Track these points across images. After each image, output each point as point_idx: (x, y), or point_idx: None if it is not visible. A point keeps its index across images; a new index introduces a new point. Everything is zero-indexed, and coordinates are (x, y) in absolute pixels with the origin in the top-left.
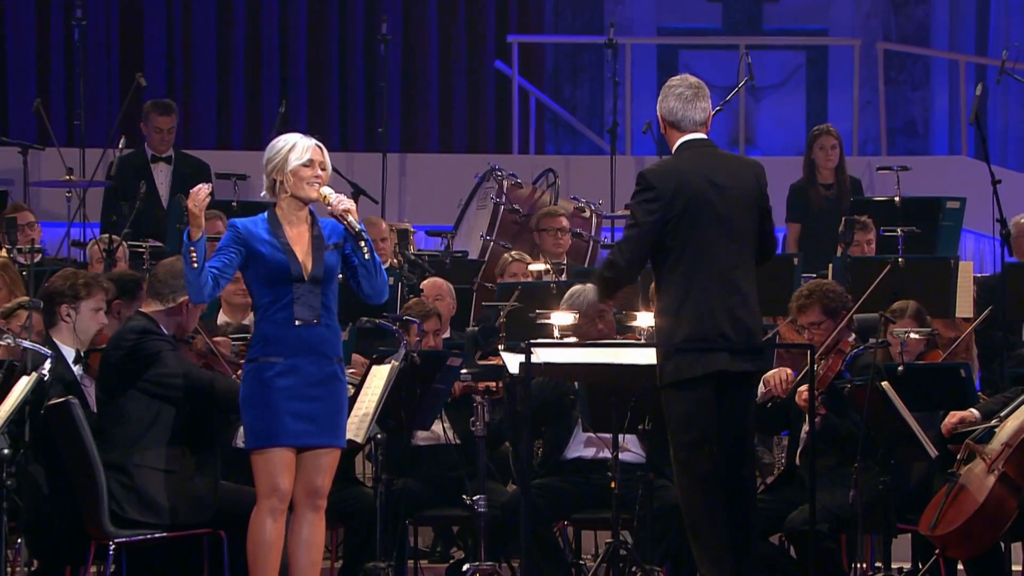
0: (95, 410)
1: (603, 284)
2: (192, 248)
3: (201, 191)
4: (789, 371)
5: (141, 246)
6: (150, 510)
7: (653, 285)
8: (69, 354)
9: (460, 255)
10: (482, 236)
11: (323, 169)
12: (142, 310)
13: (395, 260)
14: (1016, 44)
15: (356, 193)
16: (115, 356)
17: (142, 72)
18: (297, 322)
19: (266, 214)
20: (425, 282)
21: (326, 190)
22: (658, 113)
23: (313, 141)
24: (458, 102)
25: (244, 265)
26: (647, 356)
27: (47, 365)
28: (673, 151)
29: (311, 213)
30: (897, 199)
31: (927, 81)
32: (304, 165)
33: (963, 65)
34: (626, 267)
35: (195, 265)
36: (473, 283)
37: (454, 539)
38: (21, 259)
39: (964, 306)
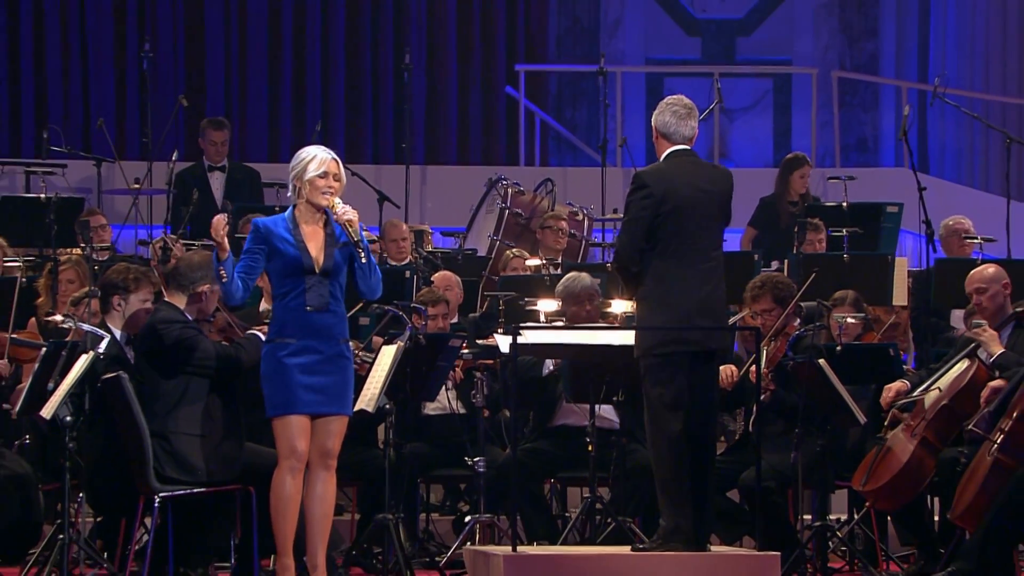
0: None
1: (622, 278)
2: (221, 267)
3: (219, 223)
4: (734, 368)
5: (193, 244)
6: (186, 470)
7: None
8: (119, 337)
9: (471, 252)
10: (490, 236)
11: (336, 180)
12: (167, 300)
13: (412, 256)
14: (946, 73)
15: (381, 200)
16: (152, 343)
17: (204, 95)
18: (308, 308)
19: (288, 212)
20: (436, 275)
21: (335, 200)
22: (653, 124)
23: (331, 155)
24: (473, 121)
25: (267, 259)
26: (620, 337)
27: (103, 345)
28: (662, 159)
29: (326, 214)
30: (845, 204)
31: (876, 104)
32: (319, 176)
33: (906, 90)
34: (627, 252)
35: (224, 279)
36: (481, 276)
37: (462, 495)
38: (93, 255)
39: (900, 295)
